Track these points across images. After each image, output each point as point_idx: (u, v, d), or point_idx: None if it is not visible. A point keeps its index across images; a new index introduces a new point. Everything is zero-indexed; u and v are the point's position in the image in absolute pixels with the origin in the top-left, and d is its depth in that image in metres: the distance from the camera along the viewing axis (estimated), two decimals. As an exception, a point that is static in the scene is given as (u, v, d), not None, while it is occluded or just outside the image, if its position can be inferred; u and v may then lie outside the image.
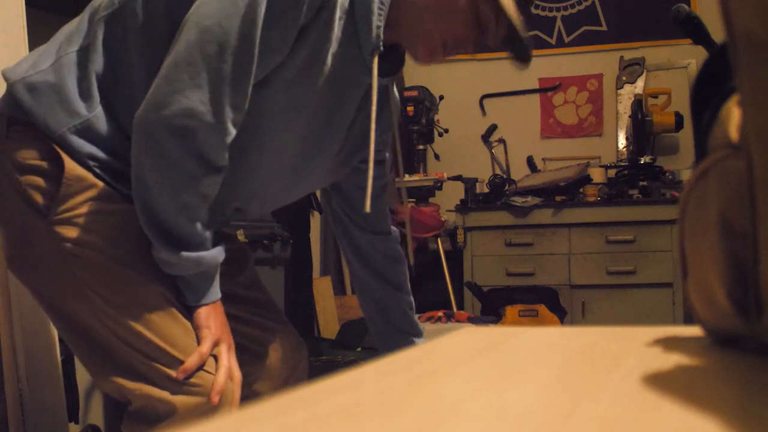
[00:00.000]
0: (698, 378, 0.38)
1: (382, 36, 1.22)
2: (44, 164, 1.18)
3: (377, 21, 1.21)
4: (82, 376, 2.12)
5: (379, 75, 1.26)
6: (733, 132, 0.38)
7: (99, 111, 1.19)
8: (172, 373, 1.16)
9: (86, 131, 1.18)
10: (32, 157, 1.18)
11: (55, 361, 1.74)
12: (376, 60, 1.22)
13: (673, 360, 0.42)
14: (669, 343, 0.47)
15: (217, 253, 1.19)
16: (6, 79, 1.22)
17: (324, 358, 2.67)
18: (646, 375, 0.37)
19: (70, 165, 1.17)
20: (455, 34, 1.25)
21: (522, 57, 1.34)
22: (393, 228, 1.60)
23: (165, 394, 1.16)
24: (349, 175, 1.46)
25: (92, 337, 1.19)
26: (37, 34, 1.82)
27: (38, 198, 1.17)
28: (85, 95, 1.19)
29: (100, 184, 1.19)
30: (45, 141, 1.18)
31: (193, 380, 1.17)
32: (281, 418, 0.30)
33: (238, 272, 1.42)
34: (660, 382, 0.35)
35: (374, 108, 1.25)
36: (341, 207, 1.55)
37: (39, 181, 1.18)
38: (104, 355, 1.20)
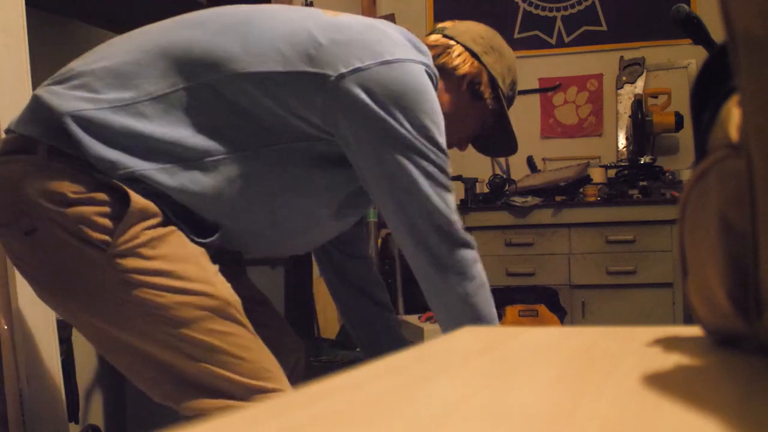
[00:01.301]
0: (698, 378, 0.38)
1: None
2: (102, 196, 1.14)
3: None
4: (82, 376, 2.11)
5: None
6: (733, 132, 0.38)
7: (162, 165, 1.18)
8: (251, 381, 1.17)
9: (147, 177, 1.17)
10: (80, 191, 1.14)
11: (55, 361, 1.74)
12: None
13: (673, 360, 0.42)
14: (669, 343, 0.47)
15: None
16: (55, 109, 1.15)
17: (324, 358, 2.67)
18: (646, 375, 0.37)
19: (135, 197, 1.14)
20: (467, 134, 1.57)
21: (509, 148, 1.71)
22: (370, 256, 1.70)
23: (245, 404, 1.17)
24: None
25: (160, 363, 1.18)
26: (37, 34, 1.82)
27: (92, 231, 1.13)
28: (153, 152, 1.17)
29: (156, 212, 1.17)
30: (92, 175, 1.14)
31: (271, 387, 1.19)
32: (281, 418, 0.30)
33: (238, 271, 1.43)
34: (660, 382, 0.35)
35: None
36: None
37: (94, 214, 1.14)
38: (177, 378, 1.19)
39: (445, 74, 1.44)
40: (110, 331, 1.19)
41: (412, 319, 3.05)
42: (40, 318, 1.66)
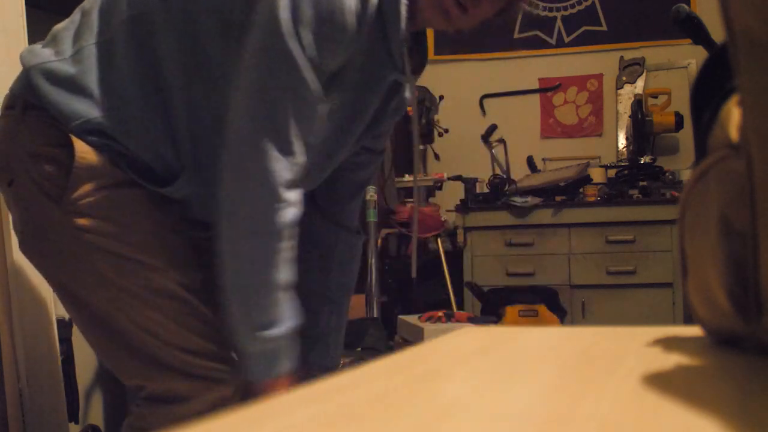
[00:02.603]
0: (698, 378, 0.38)
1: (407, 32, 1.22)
2: (56, 151, 1.17)
3: (404, 19, 1.21)
4: (82, 376, 2.11)
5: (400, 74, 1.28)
6: (733, 132, 0.38)
7: (116, 104, 1.19)
8: (191, 358, 1.17)
9: (101, 124, 1.18)
10: (45, 143, 1.18)
11: (55, 361, 1.74)
12: (406, 54, 1.24)
13: (673, 360, 0.42)
14: (669, 343, 0.47)
15: None
16: (24, 63, 1.22)
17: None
18: (646, 375, 0.37)
19: (82, 152, 1.16)
20: None
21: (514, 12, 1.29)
22: (361, 232, 1.51)
23: (183, 379, 1.17)
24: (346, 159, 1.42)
25: (110, 325, 1.20)
26: (37, 34, 1.82)
27: (50, 185, 1.17)
28: (103, 90, 1.19)
29: (113, 170, 1.18)
30: (58, 128, 1.17)
31: (212, 366, 1.18)
32: (282, 418, 0.30)
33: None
34: (660, 382, 0.35)
35: (416, 109, 1.32)
36: (316, 192, 1.45)
37: (51, 168, 1.17)
38: (122, 342, 1.20)
39: None
40: (77, 294, 1.21)
41: (412, 319, 3.05)
42: (40, 318, 1.66)
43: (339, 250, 1.46)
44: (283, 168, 1.11)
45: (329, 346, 1.46)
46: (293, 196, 1.14)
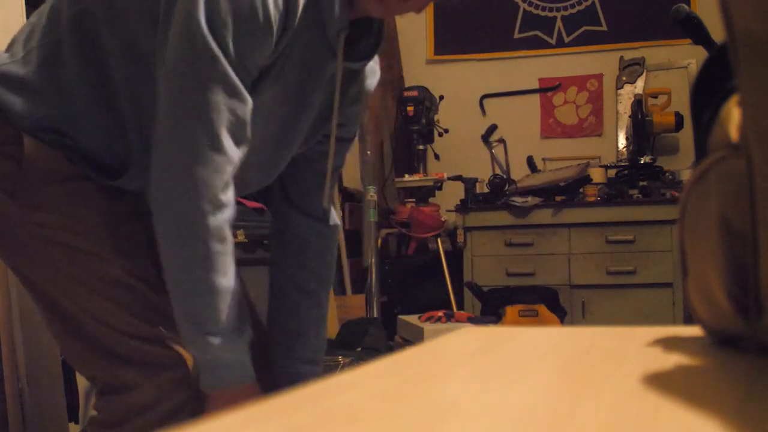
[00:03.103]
0: (698, 378, 0.38)
1: (341, 16, 1.20)
2: (11, 148, 1.19)
3: (338, 6, 1.19)
4: (82, 376, 2.11)
5: (351, 59, 1.27)
6: (733, 132, 0.38)
7: (65, 100, 1.21)
8: (138, 344, 1.19)
9: (52, 120, 1.20)
10: (2, 141, 1.20)
11: (55, 361, 1.74)
12: (342, 41, 1.22)
13: (673, 360, 0.42)
14: (669, 343, 0.47)
15: None
16: None
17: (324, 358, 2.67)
18: (646, 375, 0.37)
19: (33, 149, 1.19)
20: None
21: None
22: (336, 221, 1.47)
23: (130, 367, 1.19)
24: (308, 150, 1.40)
25: (65, 316, 1.22)
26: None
27: (5, 181, 1.20)
28: (52, 88, 1.21)
29: (64, 165, 1.20)
30: (13, 126, 1.19)
31: (159, 351, 1.18)
32: (282, 418, 0.30)
33: None
34: (660, 382, 0.35)
35: (338, 95, 1.25)
36: (286, 185, 1.45)
37: (5, 165, 1.20)
38: (76, 332, 1.22)
39: None
40: (36, 285, 1.24)
41: (412, 319, 3.05)
42: (39, 318, 1.66)
43: (313, 242, 1.44)
44: (212, 169, 1.10)
45: (311, 338, 1.44)
46: (225, 197, 1.12)
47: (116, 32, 1.19)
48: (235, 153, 1.12)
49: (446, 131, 4.13)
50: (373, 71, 1.42)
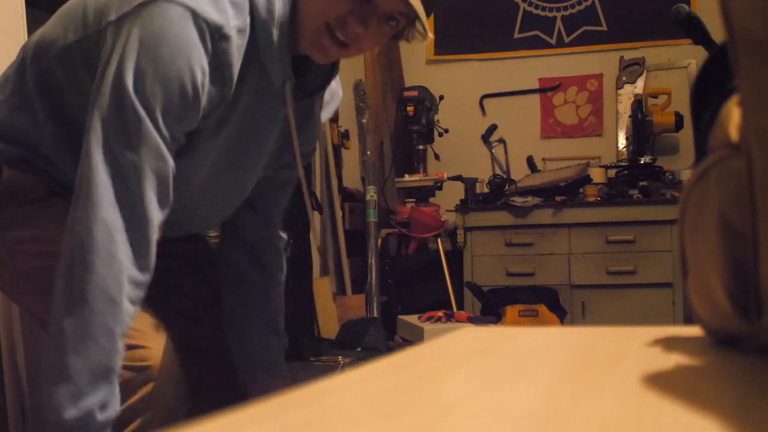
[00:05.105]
0: (698, 378, 0.38)
1: (288, 65, 1.19)
2: None
3: (280, 51, 1.17)
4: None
5: (305, 95, 1.28)
6: (733, 132, 0.38)
7: (34, 143, 1.26)
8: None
9: (23, 156, 1.26)
10: None
11: (55, 361, 1.73)
12: (288, 90, 1.21)
13: (673, 360, 0.42)
14: (669, 343, 0.47)
15: None
16: None
17: (324, 358, 2.67)
18: (646, 375, 0.37)
19: (8, 177, 1.24)
20: (334, 12, 1.14)
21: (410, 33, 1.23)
22: (282, 234, 1.55)
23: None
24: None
25: (37, 323, 1.30)
26: (37, 34, 1.81)
27: None
28: (23, 133, 1.26)
29: (35, 187, 1.25)
30: None
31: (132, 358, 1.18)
32: (281, 418, 0.30)
33: (191, 271, 1.46)
34: (660, 382, 0.35)
35: (294, 134, 1.26)
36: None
37: None
38: (43, 341, 1.25)
39: None
40: (15, 299, 1.33)
41: (412, 319, 3.05)
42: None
43: (263, 245, 1.52)
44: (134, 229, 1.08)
45: (280, 322, 1.53)
46: (140, 276, 1.09)
47: (75, 92, 1.22)
48: (156, 213, 1.11)
49: (446, 131, 4.13)
50: (334, 95, 1.42)
